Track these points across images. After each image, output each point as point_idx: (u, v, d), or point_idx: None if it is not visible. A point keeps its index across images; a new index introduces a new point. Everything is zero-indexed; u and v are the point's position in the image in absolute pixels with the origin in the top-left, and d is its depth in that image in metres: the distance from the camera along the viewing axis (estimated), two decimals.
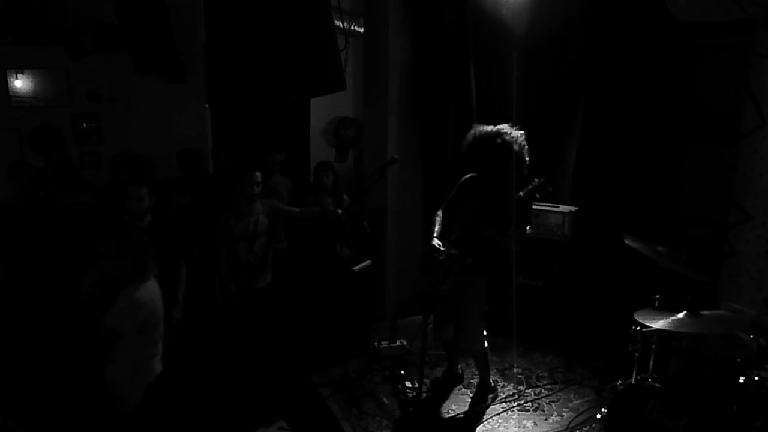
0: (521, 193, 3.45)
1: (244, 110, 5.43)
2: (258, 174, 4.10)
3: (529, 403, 3.92)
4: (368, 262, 4.54)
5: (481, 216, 3.52)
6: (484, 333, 3.78)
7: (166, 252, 3.66)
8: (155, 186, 4.45)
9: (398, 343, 4.68)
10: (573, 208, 4.57)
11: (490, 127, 3.59)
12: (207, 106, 5.93)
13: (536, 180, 3.44)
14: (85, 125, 5.94)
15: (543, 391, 4.08)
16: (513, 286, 4.20)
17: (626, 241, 3.58)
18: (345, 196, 5.00)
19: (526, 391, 4.08)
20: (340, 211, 4.27)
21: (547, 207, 4.58)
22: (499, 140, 3.51)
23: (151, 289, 2.87)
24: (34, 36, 5.79)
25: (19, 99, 5.78)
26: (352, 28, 5.65)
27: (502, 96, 4.73)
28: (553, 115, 4.78)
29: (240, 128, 5.57)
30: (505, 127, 3.58)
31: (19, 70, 5.77)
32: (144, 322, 2.79)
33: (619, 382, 3.79)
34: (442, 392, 4.05)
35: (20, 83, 5.78)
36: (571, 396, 4.00)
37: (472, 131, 3.64)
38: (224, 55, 4.85)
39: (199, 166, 5.29)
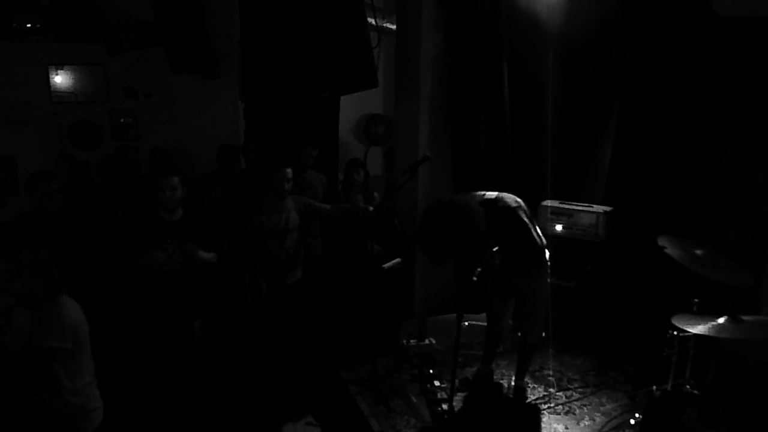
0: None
1: (276, 107, 5.46)
2: (289, 170, 4.12)
3: (560, 406, 3.86)
4: (398, 259, 4.53)
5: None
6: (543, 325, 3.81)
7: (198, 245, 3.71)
8: (188, 180, 4.53)
9: (427, 341, 4.66)
10: (607, 209, 4.48)
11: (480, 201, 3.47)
12: (240, 102, 6.00)
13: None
14: (122, 120, 6.07)
15: (574, 394, 4.01)
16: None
17: (661, 245, 3.49)
18: (375, 194, 4.99)
19: (557, 393, 4.01)
20: (371, 209, 4.27)
21: (581, 207, 4.50)
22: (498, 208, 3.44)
23: (71, 303, 2.72)
24: (74, 33, 5.93)
25: (60, 94, 5.93)
26: (385, 25, 5.63)
27: (535, 93, 4.66)
28: (587, 113, 4.69)
29: (271, 124, 5.61)
30: (497, 197, 3.49)
31: (60, 66, 5.92)
32: (78, 336, 2.64)
33: (655, 387, 3.69)
34: (474, 392, 4.01)
35: (60, 79, 5.93)
36: (604, 400, 3.92)
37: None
38: (258, 52, 4.89)
39: (236, 162, 5.35)
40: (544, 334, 3.86)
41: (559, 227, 4.52)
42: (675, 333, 3.41)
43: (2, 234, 3.50)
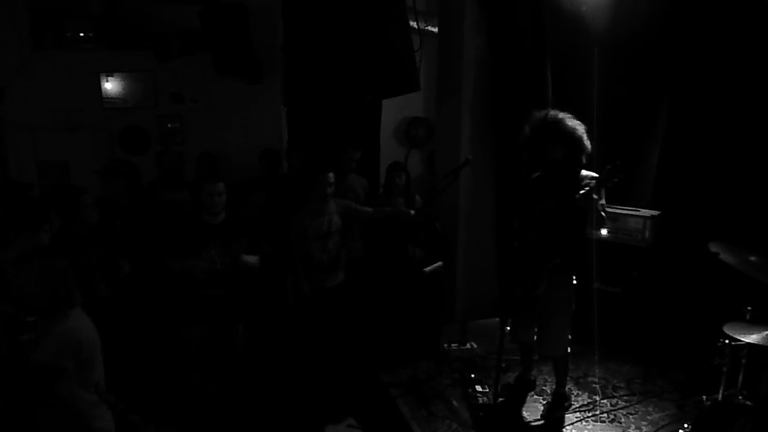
0: (591, 183, 3.29)
1: (318, 111, 5.53)
2: (331, 175, 4.17)
3: (605, 414, 3.79)
4: (439, 263, 4.53)
5: (552, 213, 3.43)
6: (569, 337, 3.68)
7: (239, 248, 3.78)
8: (232, 184, 4.62)
9: (468, 345, 4.63)
10: (654, 212, 4.37)
11: (547, 114, 3.52)
12: (283, 107, 6.09)
13: (607, 167, 3.24)
14: (169, 125, 6.23)
15: (620, 402, 3.92)
16: (590, 291, 4.07)
17: (714, 251, 3.39)
18: (417, 197, 5.00)
19: (602, 401, 3.94)
20: (412, 212, 4.28)
21: (627, 211, 4.41)
22: (559, 126, 3.43)
23: (81, 318, 2.54)
24: (124, 41, 6.13)
25: (110, 101, 6.13)
26: (427, 28, 5.64)
27: (580, 94, 4.58)
28: (634, 114, 4.59)
29: (314, 128, 5.68)
30: (559, 116, 3.49)
31: (110, 73, 6.12)
32: (81, 355, 2.44)
33: (705, 397, 3.58)
34: (516, 398, 3.97)
35: (111, 86, 6.13)
36: (650, 409, 3.83)
37: (528, 125, 3.58)
38: (300, 56, 4.95)
39: (279, 166, 5.43)
40: (569, 349, 3.74)
41: (603, 231, 4.43)
42: (727, 341, 3.31)
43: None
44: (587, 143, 3.49)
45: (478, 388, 4.04)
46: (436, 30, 5.50)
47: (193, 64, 6.02)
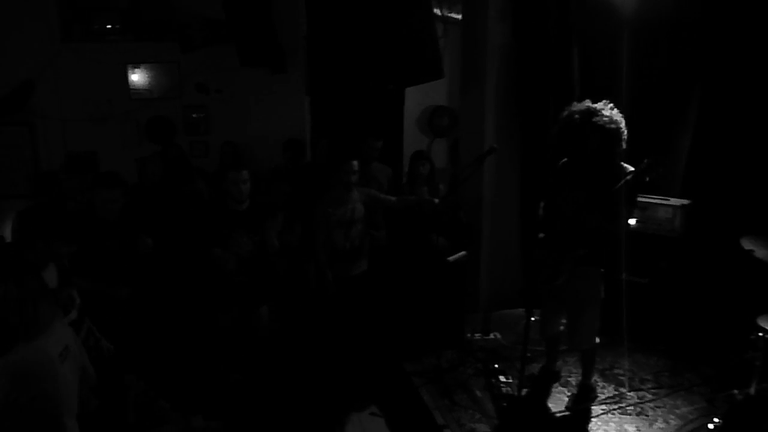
0: (627, 177, 3.21)
1: (341, 100, 5.52)
2: (355, 163, 4.16)
3: (632, 407, 3.71)
4: (463, 252, 4.49)
5: (582, 204, 3.36)
6: (598, 328, 3.62)
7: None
8: (255, 174, 4.64)
9: (492, 336, 4.60)
10: (685, 202, 4.26)
11: (580, 107, 3.35)
12: (306, 96, 6.10)
13: (645, 161, 3.15)
14: (194, 116, 6.30)
15: (647, 395, 3.85)
16: (617, 281, 3.99)
17: (748, 249, 3.29)
18: (441, 186, 4.96)
19: (629, 393, 3.86)
20: (436, 201, 4.25)
21: (656, 200, 4.31)
22: (592, 120, 3.27)
23: (44, 351, 2.18)
24: (149, 33, 6.20)
25: (137, 92, 6.21)
26: (450, 15, 5.57)
27: (608, 80, 4.48)
28: (664, 101, 4.47)
29: (337, 118, 5.67)
30: (598, 106, 3.32)
31: (137, 64, 6.20)
32: (31, 390, 2.12)
33: (736, 391, 3.50)
34: (541, 389, 3.93)
35: (137, 77, 6.21)
36: (678, 402, 3.75)
37: (563, 113, 3.43)
38: (324, 45, 4.94)
39: (301, 155, 5.45)
40: (598, 340, 3.67)
41: (632, 221, 4.34)
42: (760, 335, 3.21)
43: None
44: (624, 135, 3.35)
45: (502, 378, 4.00)
46: (459, 17, 5.42)
47: (217, 54, 6.07)
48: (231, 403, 3.83)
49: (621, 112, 3.35)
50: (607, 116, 3.27)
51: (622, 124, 3.30)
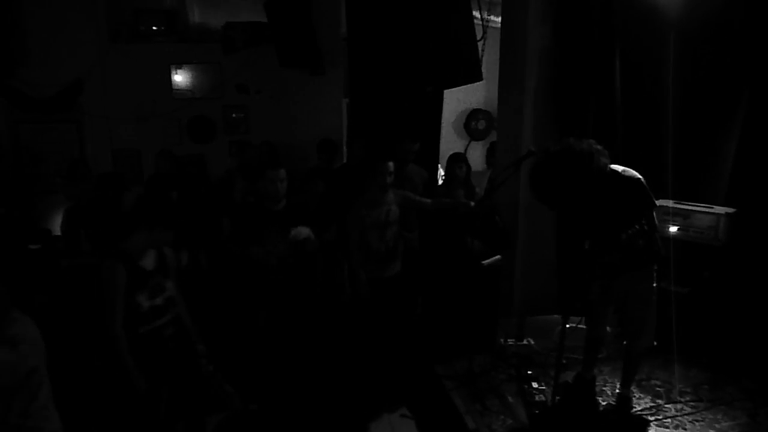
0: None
1: (379, 102, 5.53)
2: (390, 164, 4.16)
3: (669, 420, 3.62)
4: (498, 256, 4.45)
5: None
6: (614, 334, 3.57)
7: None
8: (293, 174, 4.69)
9: (525, 341, 4.54)
10: (729, 210, 4.13)
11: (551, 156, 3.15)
12: (344, 98, 6.15)
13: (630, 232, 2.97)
14: (234, 116, 6.42)
15: (685, 408, 3.74)
16: (657, 291, 3.89)
17: None
18: (477, 189, 4.93)
19: (666, 405, 3.77)
20: (471, 204, 4.22)
21: (699, 208, 4.19)
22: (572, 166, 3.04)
23: None
24: (193, 34, 6.35)
25: (180, 92, 6.37)
26: (489, 17, 5.53)
27: (651, 85, 4.40)
28: (709, 106, 4.35)
29: (374, 119, 5.69)
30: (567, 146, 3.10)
31: (180, 65, 6.35)
32: None
33: None
34: (575, 398, 3.87)
35: (180, 77, 6.37)
36: (719, 417, 3.63)
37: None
38: (363, 47, 4.97)
39: (336, 156, 5.49)
40: (655, 343, 3.61)
41: (674, 229, 4.24)
42: None
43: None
44: (598, 163, 3.08)
45: (535, 385, 3.95)
46: (498, 20, 5.38)
47: (258, 55, 6.17)
48: (264, 401, 3.88)
49: (664, 117, 3.27)
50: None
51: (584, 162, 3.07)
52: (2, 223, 4.77)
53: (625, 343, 3.70)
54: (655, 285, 3.49)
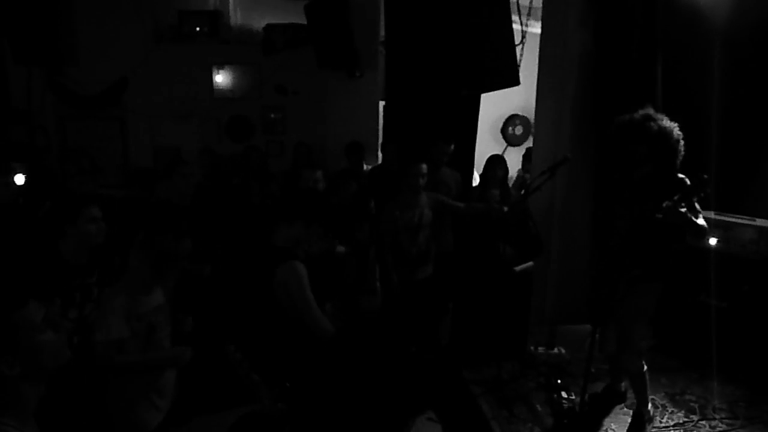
0: (675, 197, 3.01)
1: (416, 104, 5.54)
2: (423, 166, 4.16)
3: None
4: (531, 263, 4.41)
5: (634, 221, 3.22)
6: (646, 348, 3.46)
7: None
8: (328, 174, 4.73)
9: (556, 350, 4.49)
10: None
11: (638, 114, 3.25)
12: (380, 101, 6.17)
13: (695, 180, 3.00)
14: (272, 116, 6.52)
15: (720, 424, 3.64)
16: (694, 303, 3.81)
17: None
18: (513, 192, 4.88)
19: (700, 422, 3.67)
20: (505, 209, 4.20)
21: (741, 220, 4.08)
22: (653, 125, 3.16)
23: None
24: (234, 35, 6.48)
25: (220, 91, 6.50)
26: (528, 22, 5.49)
27: (694, 94, 4.29)
28: (756, 115, 4.23)
29: (410, 122, 5.71)
30: (654, 113, 3.23)
31: (221, 65, 6.48)
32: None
33: None
34: (602, 409, 3.80)
35: (221, 77, 6.50)
36: None
37: (616, 120, 3.34)
38: (401, 50, 4.99)
39: (365, 158, 5.51)
40: (645, 368, 3.45)
41: (713, 241, 4.13)
42: None
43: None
44: (679, 146, 3.20)
45: (564, 394, 3.90)
46: (538, 24, 5.34)
47: (297, 57, 6.25)
48: (296, 392, 3.91)
49: (706, 126, 3.21)
50: (660, 125, 3.16)
51: (674, 135, 3.18)
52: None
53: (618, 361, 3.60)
54: (652, 306, 3.37)
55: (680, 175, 3.17)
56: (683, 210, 2.97)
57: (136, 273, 2.68)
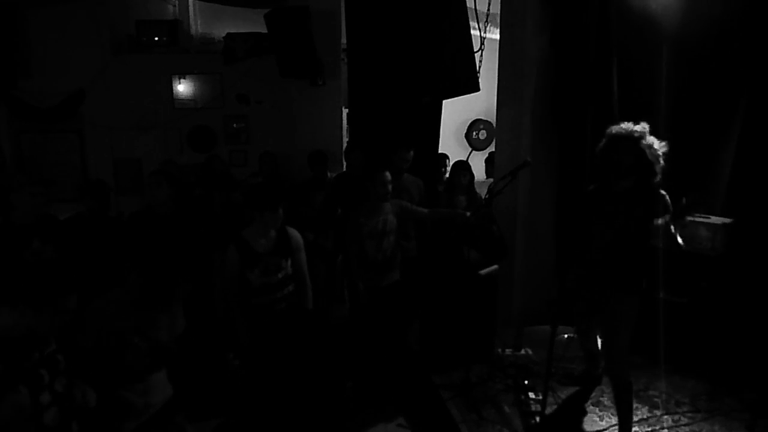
0: (666, 218, 3.10)
1: (378, 112, 5.56)
2: (387, 174, 4.17)
3: (666, 430, 3.61)
4: (495, 266, 4.45)
5: (617, 233, 3.27)
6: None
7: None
8: (294, 184, 4.70)
9: (523, 351, 4.54)
10: (727, 220, 4.13)
11: (631, 126, 3.31)
12: (343, 108, 6.18)
13: (687, 201, 3.03)
14: (234, 125, 6.46)
15: (682, 418, 3.73)
16: (654, 300, 3.89)
17: None
18: (480, 196, 4.93)
19: (663, 416, 3.76)
20: (468, 214, 4.23)
21: (697, 218, 4.18)
22: (645, 140, 3.23)
23: None
24: (194, 45, 6.40)
25: (181, 101, 6.41)
26: (487, 28, 5.57)
27: (648, 95, 4.41)
28: (706, 116, 4.35)
29: (373, 129, 5.72)
30: (646, 128, 3.28)
31: (182, 75, 6.40)
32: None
33: None
34: (572, 408, 3.85)
35: (182, 87, 6.41)
36: (716, 428, 3.62)
37: (609, 130, 3.39)
38: (363, 58, 5.00)
39: (328, 167, 5.49)
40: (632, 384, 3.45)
41: (681, 241, 4.22)
42: None
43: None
44: (660, 162, 3.25)
45: (531, 395, 3.95)
46: (497, 31, 5.42)
47: (258, 66, 6.21)
48: (253, 405, 3.87)
49: (659, 126, 3.30)
50: (651, 140, 3.23)
51: (660, 152, 3.24)
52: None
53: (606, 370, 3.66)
54: (635, 315, 3.37)
55: (662, 191, 3.22)
56: (673, 230, 3.06)
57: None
